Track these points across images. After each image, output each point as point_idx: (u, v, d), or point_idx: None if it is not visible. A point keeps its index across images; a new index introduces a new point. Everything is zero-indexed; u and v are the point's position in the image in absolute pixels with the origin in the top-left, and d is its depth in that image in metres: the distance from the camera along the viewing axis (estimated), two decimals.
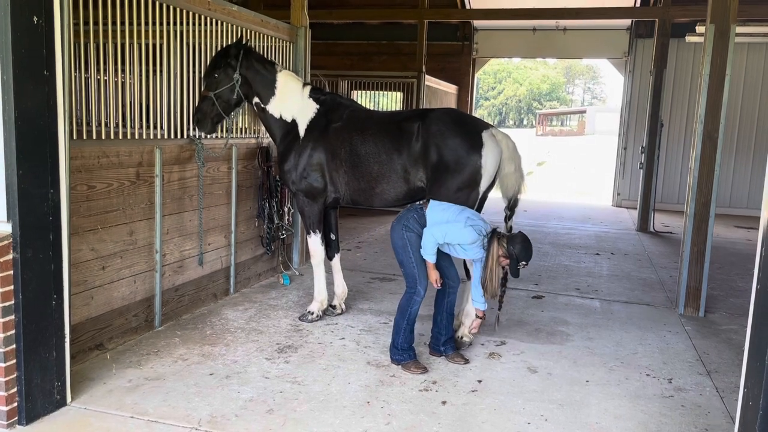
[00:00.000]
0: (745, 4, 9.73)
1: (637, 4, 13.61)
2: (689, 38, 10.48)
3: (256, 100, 5.37)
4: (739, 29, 6.44)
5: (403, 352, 4.52)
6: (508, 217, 5.06)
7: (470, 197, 4.87)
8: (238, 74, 5.18)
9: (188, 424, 3.57)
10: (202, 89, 5.25)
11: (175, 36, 5.15)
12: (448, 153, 4.84)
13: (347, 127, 5.22)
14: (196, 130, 5.30)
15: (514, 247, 4.29)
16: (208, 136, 5.56)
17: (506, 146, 4.93)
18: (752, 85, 13.48)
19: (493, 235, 4.37)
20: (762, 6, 11.21)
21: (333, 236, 5.69)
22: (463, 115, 5.34)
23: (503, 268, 4.43)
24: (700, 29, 8.80)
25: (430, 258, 4.43)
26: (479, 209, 5.06)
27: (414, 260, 4.48)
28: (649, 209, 11.30)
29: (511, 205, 5.03)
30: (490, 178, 4.89)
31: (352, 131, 5.18)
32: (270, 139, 6.48)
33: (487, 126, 5.04)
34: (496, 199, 5.22)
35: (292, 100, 5.35)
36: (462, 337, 4.95)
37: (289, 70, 6.16)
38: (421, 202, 4.64)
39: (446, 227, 4.34)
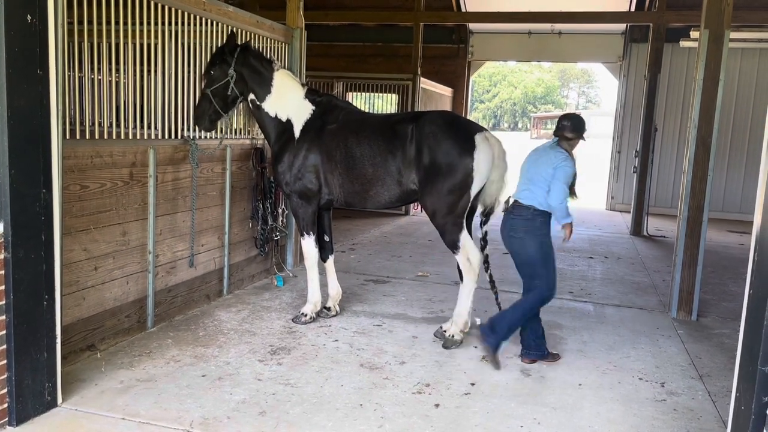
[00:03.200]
0: (740, 9, 9.80)
1: (632, 9, 13.66)
2: (683, 43, 10.52)
3: (251, 97, 5.37)
4: (733, 35, 6.46)
5: (544, 344, 4.72)
6: (483, 223, 5.08)
7: (461, 200, 4.85)
8: (233, 70, 5.19)
9: (180, 426, 3.55)
10: (202, 86, 5.30)
11: (170, 36, 5.14)
12: (441, 155, 4.81)
13: (343, 128, 5.20)
14: (196, 127, 5.36)
15: (570, 123, 4.56)
16: (203, 136, 5.59)
17: (498, 153, 4.91)
18: (746, 91, 13.55)
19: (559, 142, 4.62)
20: (756, 11, 11.28)
21: (327, 238, 5.68)
22: (457, 118, 5.28)
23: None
24: (694, 34, 8.83)
25: (569, 219, 4.53)
26: (470, 213, 5.06)
27: (553, 268, 4.60)
28: (642, 213, 11.34)
29: (487, 212, 5.06)
30: (482, 180, 4.86)
31: (347, 133, 5.16)
32: (262, 140, 6.48)
33: (480, 129, 5.01)
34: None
35: (289, 100, 5.35)
36: (453, 336, 4.97)
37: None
38: (511, 206, 4.68)
39: (558, 181, 4.45)
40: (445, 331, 5.11)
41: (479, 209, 5.08)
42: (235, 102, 5.36)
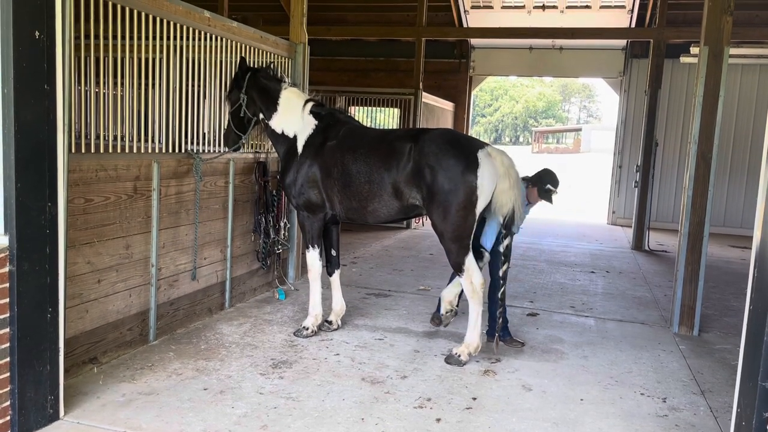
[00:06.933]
0: (739, 26, 9.88)
1: (633, 25, 13.77)
2: (684, 59, 10.60)
3: (261, 116, 5.59)
4: (733, 51, 6.53)
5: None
6: (504, 236, 5.01)
7: (468, 219, 4.79)
8: (243, 94, 5.48)
9: None
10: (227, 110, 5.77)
11: (175, 51, 5.20)
12: (443, 174, 4.73)
13: (340, 145, 5.19)
14: (223, 145, 5.82)
15: (540, 179, 5.33)
16: (208, 150, 5.73)
17: (501, 163, 4.83)
18: (746, 106, 13.60)
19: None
20: (756, 28, 11.39)
21: (333, 252, 5.69)
22: (458, 136, 5.16)
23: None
24: (694, 50, 8.90)
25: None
26: (478, 231, 5.06)
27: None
28: (644, 228, 11.36)
29: (507, 223, 4.95)
30: (487, 198, 4.80)
31: (344, 150, 5.15)
32: (265, 154, 6.56)
33: (482, 145, 4.92)
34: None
35: (293, 116, 5.45)
36: (459, 356, 4.93)
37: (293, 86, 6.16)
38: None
39: None
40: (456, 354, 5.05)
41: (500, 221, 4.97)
42: (250, 123, 5.59)
